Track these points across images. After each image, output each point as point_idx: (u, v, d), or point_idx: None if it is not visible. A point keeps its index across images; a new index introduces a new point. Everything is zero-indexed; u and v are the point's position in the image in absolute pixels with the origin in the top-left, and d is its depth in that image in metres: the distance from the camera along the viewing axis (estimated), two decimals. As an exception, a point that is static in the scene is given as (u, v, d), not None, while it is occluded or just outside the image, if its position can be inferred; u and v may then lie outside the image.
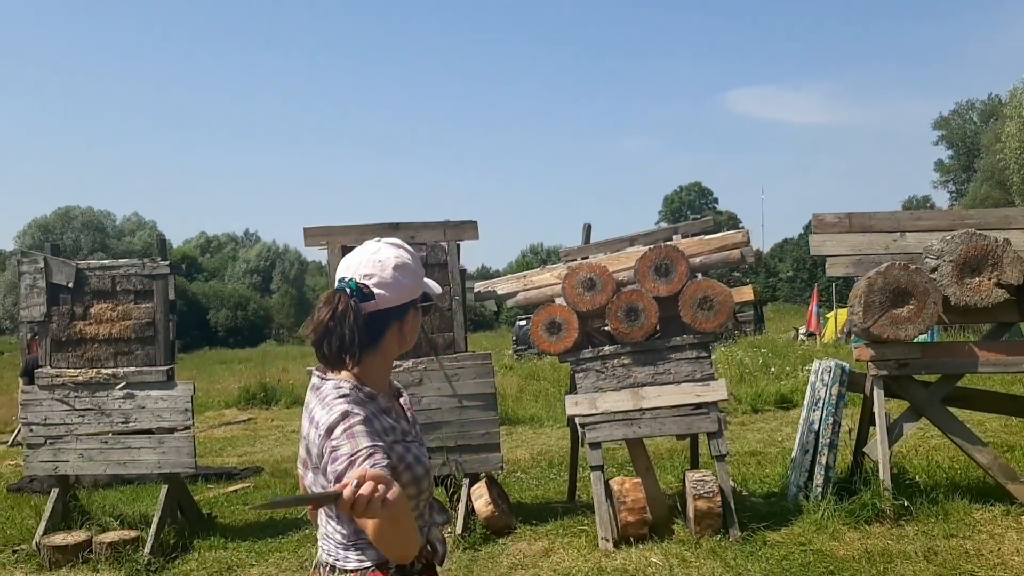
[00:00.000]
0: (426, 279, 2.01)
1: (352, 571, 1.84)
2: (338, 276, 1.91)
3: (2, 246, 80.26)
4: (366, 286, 1.85)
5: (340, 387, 1.83)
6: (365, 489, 1.51)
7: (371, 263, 1.89)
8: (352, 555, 1.85)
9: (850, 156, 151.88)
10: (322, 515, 1.91)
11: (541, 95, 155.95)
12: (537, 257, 73.83)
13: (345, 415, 1.75)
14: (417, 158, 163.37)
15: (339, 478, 1.67)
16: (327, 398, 1.81)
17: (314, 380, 1.92)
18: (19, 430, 14.07)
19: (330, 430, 1.74)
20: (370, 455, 1.70)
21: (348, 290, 1.85)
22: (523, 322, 30.68)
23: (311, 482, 1.89)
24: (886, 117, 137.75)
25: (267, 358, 33.85)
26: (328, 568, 1.88)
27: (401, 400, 2.05)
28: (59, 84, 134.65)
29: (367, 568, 1.84)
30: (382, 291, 1.86)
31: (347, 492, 1.51)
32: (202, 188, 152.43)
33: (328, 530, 1.90)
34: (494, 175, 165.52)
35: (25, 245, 64.64)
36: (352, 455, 1.70)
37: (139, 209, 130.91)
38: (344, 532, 1.86)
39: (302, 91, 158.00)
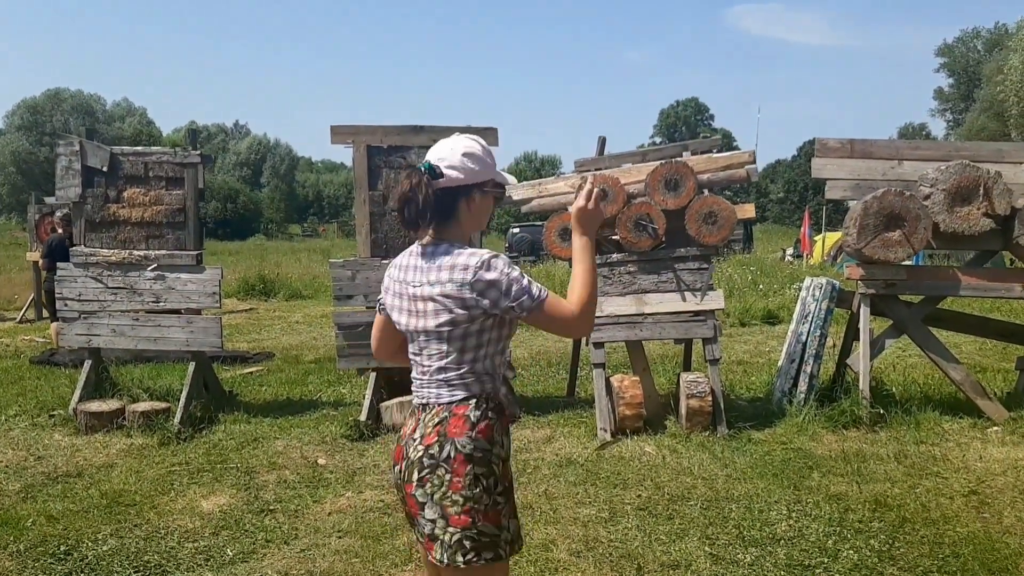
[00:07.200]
0: (501, 171, 2.40)
1: (459, 402, 2.24)
2: (426, 158, 2.31)
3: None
4: (438, 167, 2.25)
5: (459, 244, 2.26)
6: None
7: (446, 149, 2.29)
8: (459, 391, 2.25)
9: (849, 80, 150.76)
10: (430, 358, 2.27)
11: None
12: (531, 166, 73.47)
13: (494, 254, 2.20)
14: (407, 59, 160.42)
15: (524, 291, 2.16)
16: (463, 252, 2.21)
17: (420, 248, 2.31)
18: (27, 307, 14.48)
19: (489, 264, 2.17)
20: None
21: (422, 169, 2.25)
22: (516, 230, 31.00)
23: (406, 323, 2.31)
24: (889, 42, 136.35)
25: (259, 252, 34.14)
26: (433, 407, 2.26)
27: None
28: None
29: (462, 400, 2.25)
30: (451, 171, 2.25)
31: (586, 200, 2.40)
32: (192, 78, 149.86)
33: (434, 367, 2.27)
34: (489, 81, 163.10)
35: (13, 126, 63.63)
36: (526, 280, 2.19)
37: (129, 95, 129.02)
38: (456, 369, 2.25)
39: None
